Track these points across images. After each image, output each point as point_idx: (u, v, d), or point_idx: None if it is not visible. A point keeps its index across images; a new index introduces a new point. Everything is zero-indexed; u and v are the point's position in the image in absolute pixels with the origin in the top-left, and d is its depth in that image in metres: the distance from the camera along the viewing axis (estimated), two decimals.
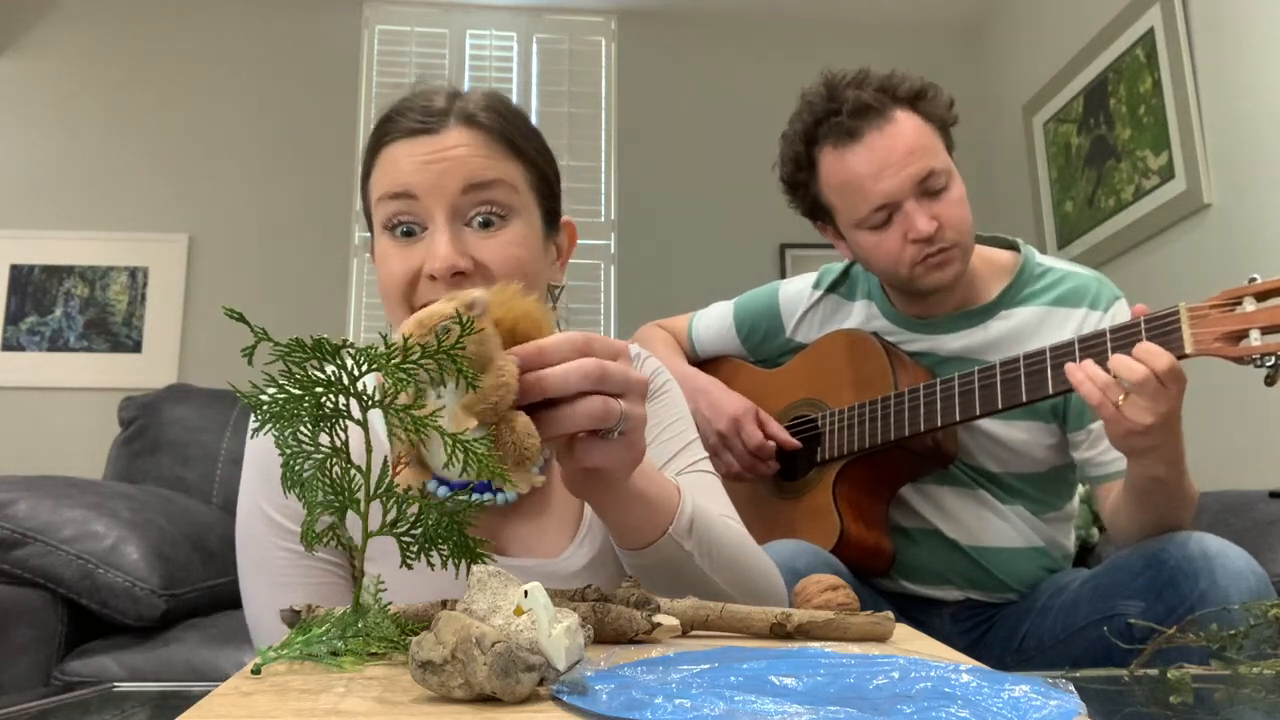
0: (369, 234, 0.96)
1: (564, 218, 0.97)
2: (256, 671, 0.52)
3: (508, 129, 0.90)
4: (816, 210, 1.42)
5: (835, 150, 1.33)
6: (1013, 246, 1.45)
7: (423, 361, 0.58)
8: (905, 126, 1.31)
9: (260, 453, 0.88)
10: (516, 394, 0.59)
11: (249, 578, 0.90)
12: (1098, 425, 1.29)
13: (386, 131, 0.90)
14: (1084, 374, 1.09)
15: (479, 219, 0.87)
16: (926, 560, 1.41)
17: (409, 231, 0.87)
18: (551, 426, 0.62)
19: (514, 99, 3.74)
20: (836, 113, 1.33)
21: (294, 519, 0.85)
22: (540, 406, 0.62)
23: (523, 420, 0.59)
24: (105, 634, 1.50)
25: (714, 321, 1.65)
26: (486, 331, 0.59)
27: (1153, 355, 1.04)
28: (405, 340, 0.57)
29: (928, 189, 1.30)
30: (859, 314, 1.49)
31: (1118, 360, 1.06)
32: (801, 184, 1.41)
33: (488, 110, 0.90)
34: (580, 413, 0.62)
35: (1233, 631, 0.67)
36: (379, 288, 0.91)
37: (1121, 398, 1.05)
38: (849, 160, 1.32)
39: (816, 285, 1.55)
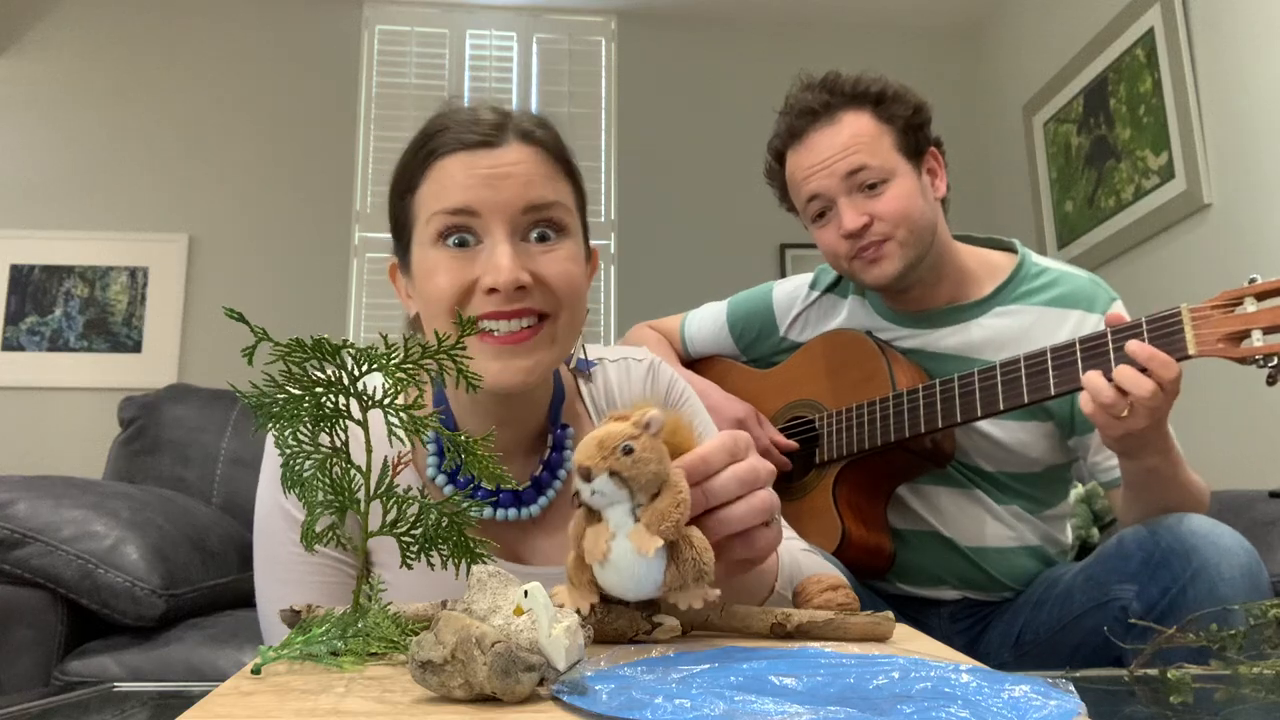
0: (398, 246, 0.93)
1: (592, 245, 0.97)
2: (256, 671, 0.52)
3: (561, 149, 0.90)
4: (791, 207, 1.48)
5: (789, 151, 1.41)
6: (1009, 248, 1.45)
7: (419, 365, 0.58)
8: (845, 126, 1.35)
9: None
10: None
11: (262, 572, 0.90)
12: None
13: (438, 145, 0.87)
14: (1091, 398, 1.07)
15: (536, 234, 0.86)
16: (923, 562, 1.41)
17: (463, 242, 0.85)
18: (721, 528, 0.64)
19: (514, 99, 3.68)
20: (787, 114, 1.40)
21: None
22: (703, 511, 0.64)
23: (699, 536, 0.61)
24: (105, 634, 1.50)
25: (707, 321, 1.65)
26: (663, 449, 0.59)
27: (1164, 366, 1.03)
28: (588, 465, 0.58)
29: (860, 184, 1.33)
30: (852, 310, 1.49)
31: (1126, 375, 1.05)
32: (776, 180, 1.47)
33: (542, 128, 0.89)
34: (748, 512, 0.64)
35: (1233, 631, 0.67)
36: (423, 300, 0.88)
37: (1125, 413, 1.05)
38: (792, 159, 1.40)
39: (813, 285, 1.55)
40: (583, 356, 0.98)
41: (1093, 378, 1.08)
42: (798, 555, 0.87)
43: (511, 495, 0.89)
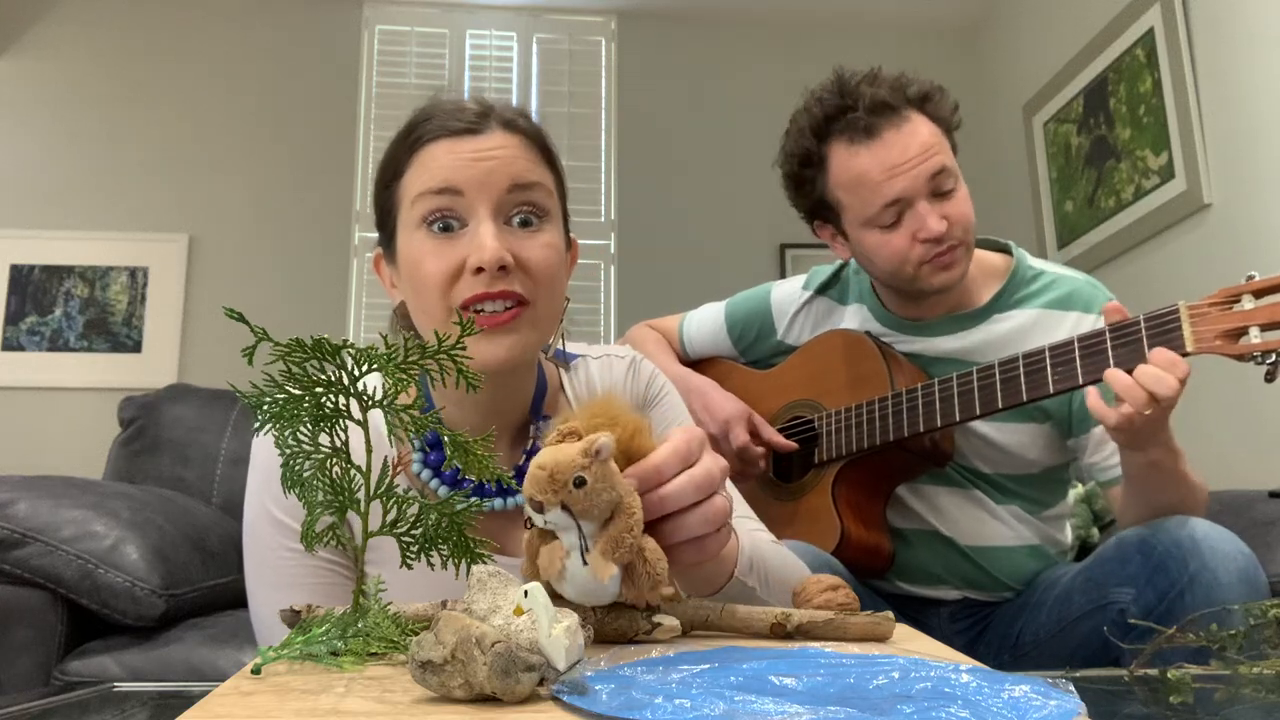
0: (382, 236, 0.94)
1: (572, 234, 0.98)
2: (256, 671, 0.52)
3: (542, 139, 0.92)
4: (820, 207, 1.40)
5: (849, 147, 1.32)
6: (1004, 249, 1.45)
7: (420, 364, 0.58)
8: (919, 126, 1.30)
9: (265, 453, 0.88)
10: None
11: (254, 577, 0.90)
12: (1099, 429, 1.29)
13: (424, 132, 0.88)
14: (1127, 401, 1.06)
15: (519, 218, 0.87)
16: (923, 561, 1.41)
17: (447, 227, 0.86)
18: (673, 535, 0.65)
19: (514, 99, 3.70)
20: (852, 109, 1.31)
21: (299, 519, 0.85)
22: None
23: (652, 547, 0.61)
24: (105, 634, 1.50)
25: (706, 322, 1.65)
26: (613, 471, 0.59)
27: (1176, 366, 1.03)
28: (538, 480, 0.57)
29: (938, 188, 1.30)
30: (852, 317, 1.49)
31: (1147, 374, 1.04)
32: (808, 180, 1.38)
33: (524, 117, 0.91)
34: (701, 519, 0.65)
35: (1232, 631, 0.67)
36: (411, 286, 0.89)
37: (1147, 411, 1.05)
38: (863, 157, 1.30)
39: (806, 286, 1.55)
40: (560, 347, 0.98)
41: (1120, 378, 1.06)
42: (760, 544, 0.87)
43: (496, 485, 0.89)
